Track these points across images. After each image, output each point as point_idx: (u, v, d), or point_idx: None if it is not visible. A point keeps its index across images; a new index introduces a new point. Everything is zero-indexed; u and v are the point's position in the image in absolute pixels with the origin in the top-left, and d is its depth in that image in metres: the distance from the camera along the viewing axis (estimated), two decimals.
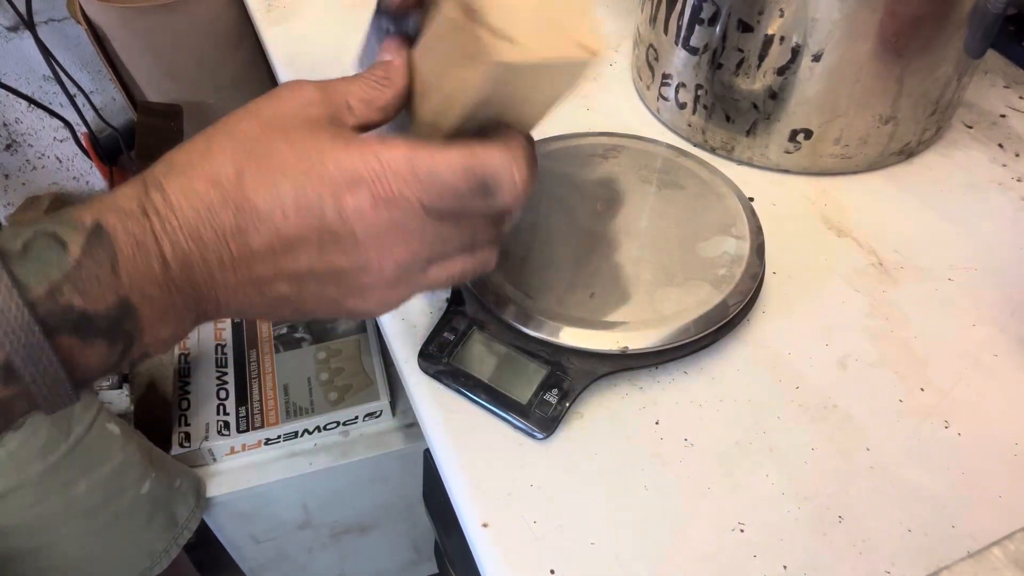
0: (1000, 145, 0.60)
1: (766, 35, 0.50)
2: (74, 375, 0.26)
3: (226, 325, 0.93)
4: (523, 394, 0.42)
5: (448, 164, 0.30)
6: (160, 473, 0.73)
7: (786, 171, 0.57)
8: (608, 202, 0.50)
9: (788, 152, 0.55)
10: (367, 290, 0.31)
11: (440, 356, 0.44)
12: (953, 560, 0.37)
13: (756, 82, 0.53)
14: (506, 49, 0.29)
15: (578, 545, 0.37)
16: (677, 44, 0.56)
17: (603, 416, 0.42)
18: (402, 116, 0.35)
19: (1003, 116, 0.62)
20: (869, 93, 0.52)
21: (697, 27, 0.53)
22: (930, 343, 0.46)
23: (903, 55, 0.50)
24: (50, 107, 1.02)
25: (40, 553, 0.65)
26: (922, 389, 0.44)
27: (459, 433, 0.42)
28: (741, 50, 0.52)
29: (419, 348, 0.44)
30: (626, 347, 0.42)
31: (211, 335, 0.92)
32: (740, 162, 0.58)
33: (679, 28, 0.55)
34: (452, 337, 0.44)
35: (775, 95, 0.53)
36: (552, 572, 0.36)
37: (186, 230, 0.27)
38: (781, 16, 0.49)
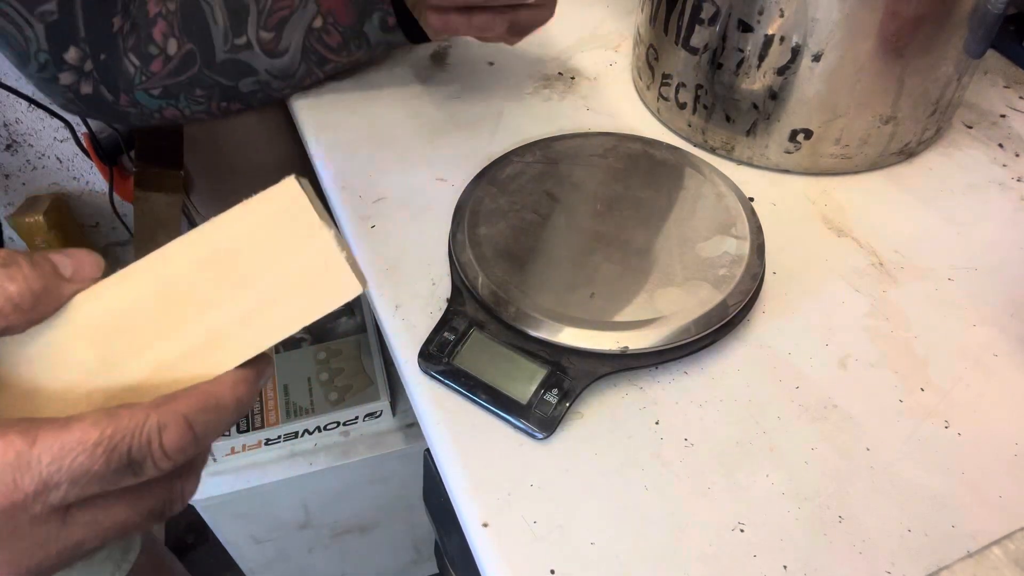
0: (1000, 145, 0.60)
1: (766, 35, 0.50)
2: None
3: None
4: (523, 394, 0.42)
5: (79, 443, 0.23)
6: None
7: (786, 171, 0.57)
8: (608, 202, 0.50)
9: (788, 152, 0.55)
10: None
11: (440, 356, 0.44)
12: (953, 560, 0.37)
13: (756, 82, 0.53)
14: None
15: (578, 545, 0.37)
16: (677, 44, 0.56)
17: (603, 416, 0.42)
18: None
19: (1003, 116, 0.62)
20: (869, 93, 0.52)
21: (697, 27, 0.53)
22: (930, 343, 0.46)
23: (903, 55, 0.50)
24: (50, 107, 1.02)
25: None
26: (922, 389, 0.44)
27: (459, 433, 0.42)
28: (741, 50, 0.52)
29: (419, 348, 0.44)
30: (626, 347, 0.42)
31: None
32: (740, 162, 0.58)
33: (679, 28, 0.55)
34: (452, 337, 0.44)
35: (775, 95, 0.53)
36: (552, 572, 0.36)
37: None
38: (781, 16, 0.49)
